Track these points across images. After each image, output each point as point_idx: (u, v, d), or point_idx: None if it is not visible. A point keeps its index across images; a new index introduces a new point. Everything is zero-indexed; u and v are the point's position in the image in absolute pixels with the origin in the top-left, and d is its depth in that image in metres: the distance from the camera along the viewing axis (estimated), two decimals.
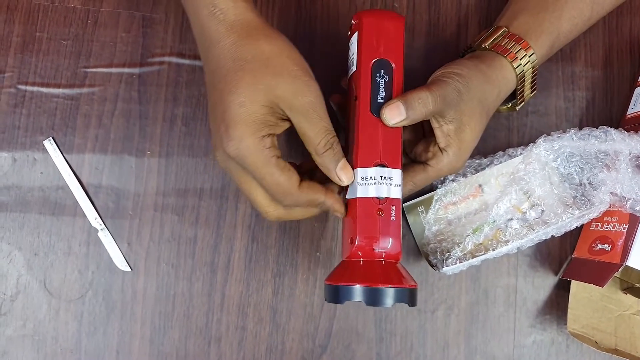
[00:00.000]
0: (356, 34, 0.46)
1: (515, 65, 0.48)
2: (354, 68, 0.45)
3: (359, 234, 0.42)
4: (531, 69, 0.49)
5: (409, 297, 0.41)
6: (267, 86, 0.39)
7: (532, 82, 0.51)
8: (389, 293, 0.40)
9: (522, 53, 0.48)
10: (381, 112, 0.43)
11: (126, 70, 0.55)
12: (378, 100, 0.44)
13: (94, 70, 0.54)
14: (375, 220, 0.42)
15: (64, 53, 0.54)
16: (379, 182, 0.43)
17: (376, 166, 0.43)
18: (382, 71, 0.44)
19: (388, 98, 0.44)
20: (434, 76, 0.46)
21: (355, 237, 0.42)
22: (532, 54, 0.48)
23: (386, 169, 0.43)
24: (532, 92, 0.52)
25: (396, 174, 0.43)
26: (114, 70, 0.54)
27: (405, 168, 0.48)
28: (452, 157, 0.46)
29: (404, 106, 0.42)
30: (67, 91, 0.54)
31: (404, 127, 0.46)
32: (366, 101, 0.44)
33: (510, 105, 0.53)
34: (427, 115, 0.44)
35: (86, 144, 0.54)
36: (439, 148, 0.46)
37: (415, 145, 0.49)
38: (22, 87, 0.54)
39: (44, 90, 0.54)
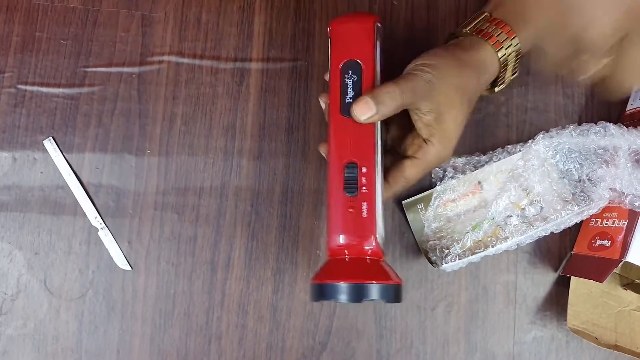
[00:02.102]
0: (329, 40, 0.46)
1: (497, 49, 0.47)
2: (328, 73, 0.46)
3: (331, 231, 0.43)
4: (514, 53, 0.48)
5: (391, 293, 0.41)
6: None
7: (514, 66, 0.50)
8: (366, 289, 0.40)
9: (504, 37, 0.47)
10: (351, 109, 0.43)
11: (125, 69, 0.55)
12: (347, 100, 0.44)
13: (93, 69, 0.54)
14: (346, 217, 0.42)
15: (63, 53, 0.55)
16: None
17: (346, 165, 0.43)
18: (350, 72, 0.44)
19: (357, 96, 0.44)
20: (406, 70, 0.46)
21: (329, 234, 0.43)
22: (515, 37, 0.47)
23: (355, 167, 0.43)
24: (512, 75, 0.52)
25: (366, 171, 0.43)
26: (113, 69, 0.55)
27: (395, 165, 0.48)
28: (438, 146, 0.46)
29: (372, 101, 0.43)
30: (66, 91, 0.54)
31: (389, 125, 0.46)
32: (336, 102, 0.44)
33: (489, 87, 0.53)
34: (397, 109, 0.44)
35: (86, 143, 0.54)
36: (423, 139, 0.46)
37: (402, 141, 0.49)
38: (22, 86, 0.54)
39: (44, 90, 0.54)
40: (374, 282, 0.40)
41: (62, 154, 0.53)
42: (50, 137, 0.53)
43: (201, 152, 0.54)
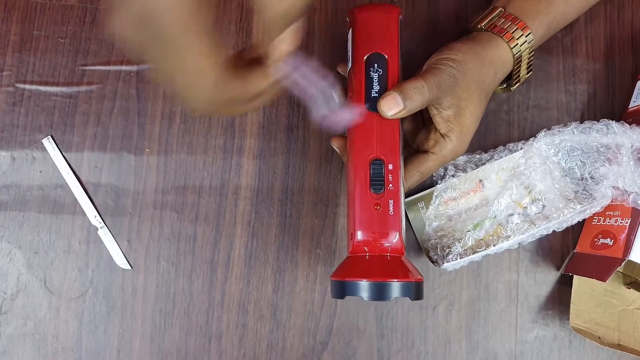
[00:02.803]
0: (350, 30, 0.45)
1: (512, 45, 0.47)
2: (350, 65, 0.45)
3: (356, 229, 0.42)
4: (528, 50, 0.49)
5: (413, 290, 0.41)
6: None
7: (528, 62, 0.50)
8: (389, 287, 0.40)
9: (519, 33, 0.47)
10: (378, 104, 0.43)
11: (124, 67, 0.54)
12: (372, 95, 0.43)
13: (91, 68, 0.54)
14: (373, 214, 0.42)
15: (61, 51, 0.54)
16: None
17: (372, 162, 0.42)
18: (376, 65, 0.44)
19: (383, 91, 0.43)
20: (427, 64, 0.46)
21: (354, 232, 0.42)
22: (529, 34, 0.48)
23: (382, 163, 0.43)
24: (528, 73, 0.52)
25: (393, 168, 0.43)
26: (111, 67, 0.54)
27: (409, 159, 0.48)
28: (455, 141, 0.46)
29: (400, 96, 0.42)
30: (65, 89, 0.54)
31: (403, 119, 0.46)
32: (361, 96, 0.43)
33: (505, 86, 0.53)
34: (424, 104, 0.43)
35: (85, 142, 0.53)
36: (441, 134, 0.46)
37: (416, 135, 0.49)
38: (21, 85, 0.54)
39: (42, 88, 0.54)
40: (396, 280, 0.40)
41: (61, 152, 0.53)
42: (49, 136, 0.53)
43: (200, 150, 0.54)
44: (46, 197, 0.53)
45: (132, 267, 0.53)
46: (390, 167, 0.43)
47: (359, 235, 0.42)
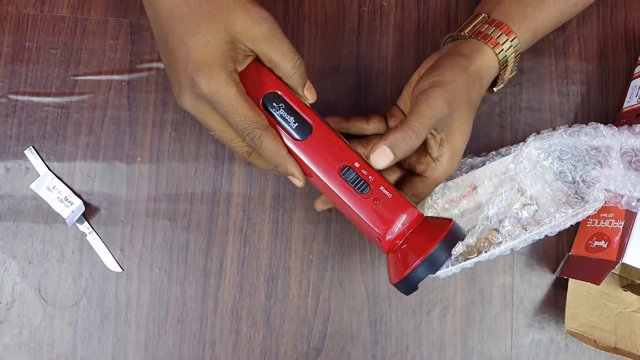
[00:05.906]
0: None
1: (497, 51, 0.47)
2: None
3: (378, 230, 0.42)
4: (514, 54, 0.48)
5: (459, 231, 0.43)
6: (225, 23, 0.40)
7: (513, 65, 0.50)
8: (444, 246, 0.41)
9: (504, 38, 0.47)
10: (369, 159, 0.43)
11: (115, 77, 0.55)
12: (294, 126, 0.43)
13: (83, 78, 0.54)
14: (378, 209, 0.42)
15: (53, 62, 0.55)
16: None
17: (341, 173, 0.43)
18: (274, 103, 0.43)
19: (299, 119, 0.43)
20: (418, 89, 0.45)
21: (379, 235, 0.42)
22: (514, 38, 0.47)
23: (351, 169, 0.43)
24: (511, 74, 0.51)
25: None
26: (103, 77, 0.55)
27: (404, 182, 0.48)
28: (446, 164, 0.46)
29: (390, 150, 0.42)
30: (57, 100, 0.54)
31: None
32: (287, 135, 0.43)
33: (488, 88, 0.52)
34: (415, 148, 0.43)
35: (77, 152, 0.54)
36: (432, 158, 0.46)
37: (408, 157, 0.49)
38: (13, 96, 0.54)
39: (35, 99, 0.54)
40: (441, 237, 0.41)
41: (44, 161, 0.53)
42: (31, 147, 0.53)
43: (192, 158, 0.54)
44: (39, 207, 0.53)
45: (123, 270, 0.53)
46: (357, 164, 0.43)
47: (385, 234, 0.42)
